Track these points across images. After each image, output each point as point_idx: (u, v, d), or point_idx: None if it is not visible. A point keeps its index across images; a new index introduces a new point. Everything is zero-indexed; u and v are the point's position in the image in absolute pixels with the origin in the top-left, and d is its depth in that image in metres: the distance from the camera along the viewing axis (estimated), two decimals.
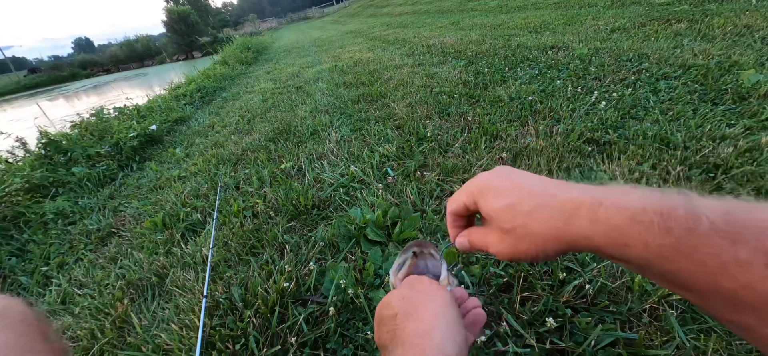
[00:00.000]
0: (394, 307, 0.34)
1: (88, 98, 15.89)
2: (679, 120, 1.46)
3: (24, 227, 1.93)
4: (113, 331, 1.03)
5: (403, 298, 0.34)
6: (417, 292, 0.34)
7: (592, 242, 0.24)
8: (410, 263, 0.45)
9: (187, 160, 2.35)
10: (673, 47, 2.35)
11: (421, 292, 0.34)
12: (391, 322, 0.33)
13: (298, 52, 7.71)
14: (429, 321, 0.30)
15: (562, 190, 0.27)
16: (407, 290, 0.35)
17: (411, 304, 0.33)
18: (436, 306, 0.32)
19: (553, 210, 0.26)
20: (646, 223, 0.21)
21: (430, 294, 0.34)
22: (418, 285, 0.35)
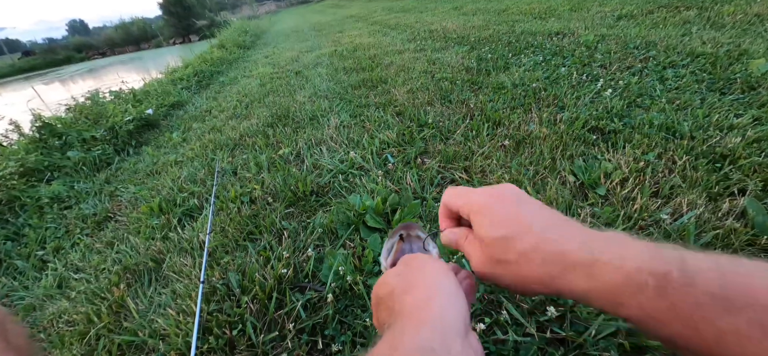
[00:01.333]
0: (390, 284, 0.31)
1: (84, 81, 15.65)
2: (686, 109, 1.43)
3: (19, 211, 1.91)
4: (110, 316, 1.02)
5: (399, 274, 0.32)
6: (413, 268, 0.32)
7: (585, 297, 0.25)
8: (397, 246, 0.44)
9: (184, 145, 2.32)
10: (681, 35, 2.30)
11: (416, 267, 0.32)
12: (389, 299, 0.30)
13: (297, 36, 7.56)
14: (427, 292, 0.28)
15: (562, 235, 0.26)
16: (403, 267, 0.33)
17: (408, 279, 0.31)
18: (433, 277, 0.30)
19: (548, 258, 0.26)
20: (640, 284, 0.21)
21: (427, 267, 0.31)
22: (414, 261, 0.33)
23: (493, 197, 0.31)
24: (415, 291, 0.28)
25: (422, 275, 0.30)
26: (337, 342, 0.80)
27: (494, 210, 0.30)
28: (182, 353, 0.85)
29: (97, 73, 18.52)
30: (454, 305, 0.27)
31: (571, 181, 1.14)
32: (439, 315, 0.25)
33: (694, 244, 0.85)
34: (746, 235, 0.84)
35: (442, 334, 0.24)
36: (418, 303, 0.27)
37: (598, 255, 0.24)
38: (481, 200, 0.31)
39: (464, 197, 0.33)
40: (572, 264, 0.25)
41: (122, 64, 21.54)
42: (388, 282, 0.32)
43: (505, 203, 0.30)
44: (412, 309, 0.27)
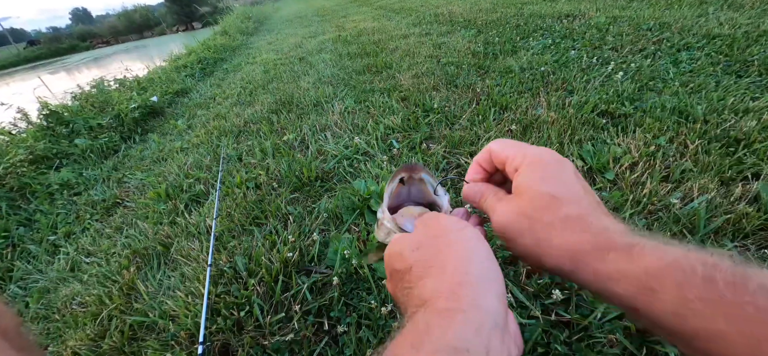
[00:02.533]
0: (407, 259, 0.26)
1: (89, 70, 15.71)
2: (700, 92, 1.39)
3: (30, 197, 1.95)
4: (121, 297, 1.05)
5: (418, 247, 0.26)
6: (434, 236, 0.26)
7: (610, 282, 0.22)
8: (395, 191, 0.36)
9: (189, 132, 2.33)
10: (697, 16, 2.21)
11: (439, 236, 0.26)
12: (406, 278, 0.25)
13: (300, 22, 7.45)
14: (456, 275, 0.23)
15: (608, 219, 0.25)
16: (422, 235, 0.27)
17: (429, 253, 0.25)
18: (462, 251, 0.24)
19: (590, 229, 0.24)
20: (686, 270, 0.19)
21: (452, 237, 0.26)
22: (434, 227, 0.27)
23: (551, 156, 0.28)
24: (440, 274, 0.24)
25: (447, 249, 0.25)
26: (343, 324, 0.81)
27: (550, 167, 0.27)
28: (192, 333, 0.87)
29: (102, 62, 18.55)
30: (490, 287, 0.22)
31: (579, 165, 1.12)
32: (471, 304, 0.21)
33: (704, 229, 0.83)
34: (759, 219, 0.83)
35: (476, 329, 0.20)
36: (445, 290, 0.22)
37: (641, 240, 0.22)
38: (537, 154, 0.28)
39: (518, 147, 0.30)
40: (613, 243, 0.23)
41: (126, 53, 21.54)
42: (404, 256, 0.27)
43: (562, 166, 0.27)
44: (436, 297, 0.22)
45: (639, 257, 0.21)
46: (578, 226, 0.24)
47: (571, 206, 0.25)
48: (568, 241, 0.24)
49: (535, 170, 0.27)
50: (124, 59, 14.49)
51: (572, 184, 0.26)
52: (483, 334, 0.19)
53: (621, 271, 0.22)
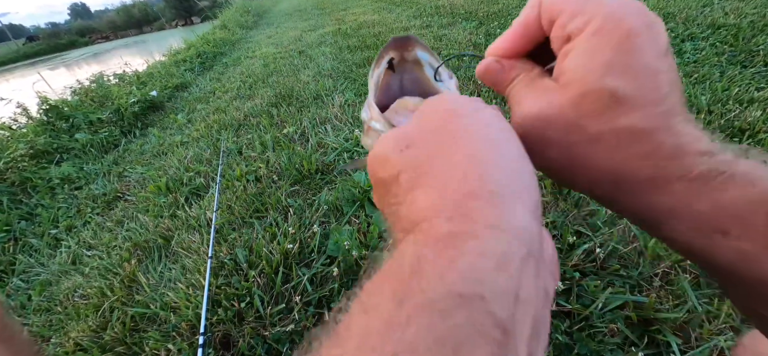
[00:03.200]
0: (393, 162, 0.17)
1: (89, 66, 15.68)
2: (705, 83, 1.37)
3: (31, 192, 1.95)
4: (122, 290, 1.05)
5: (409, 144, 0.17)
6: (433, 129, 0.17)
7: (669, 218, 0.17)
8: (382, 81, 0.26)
9: (189, 126, 2.32)
10: (702, 6, 2.18)
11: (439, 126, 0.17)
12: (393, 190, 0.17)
13: (300, 15, 7.40)
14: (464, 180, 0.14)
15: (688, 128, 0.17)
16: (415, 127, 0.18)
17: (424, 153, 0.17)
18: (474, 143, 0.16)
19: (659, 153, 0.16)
20: None
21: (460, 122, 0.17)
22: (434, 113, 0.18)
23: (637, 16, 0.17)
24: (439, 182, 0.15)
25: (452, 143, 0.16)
26: None
27: (629, 42, 0.16)
28: (192, 324, 0.87)
29: (101, 57, 18.50)
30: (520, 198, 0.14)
31: None
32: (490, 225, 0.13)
33: None
34: None
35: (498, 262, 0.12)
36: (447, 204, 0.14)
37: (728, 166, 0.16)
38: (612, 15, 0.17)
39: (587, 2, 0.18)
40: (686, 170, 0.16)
41: (126, 48, 21.47)
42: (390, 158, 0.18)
43: (649, 39, 0.17)
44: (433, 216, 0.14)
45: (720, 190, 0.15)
46: (642, 145, 0.16)
47: (641, 113, 0.16)
48: (618, 163, 0.17)
49: (601, 48, 0.17)
50: (123, 54, 14.45)
51: (653, 74, 0.16)
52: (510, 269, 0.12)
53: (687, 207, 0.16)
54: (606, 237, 0.85)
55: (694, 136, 0.16)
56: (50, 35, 50.00)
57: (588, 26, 0.17)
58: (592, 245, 0.83)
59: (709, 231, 0.16)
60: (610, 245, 0.82)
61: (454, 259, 0.12)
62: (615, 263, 0.79)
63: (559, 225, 0.90)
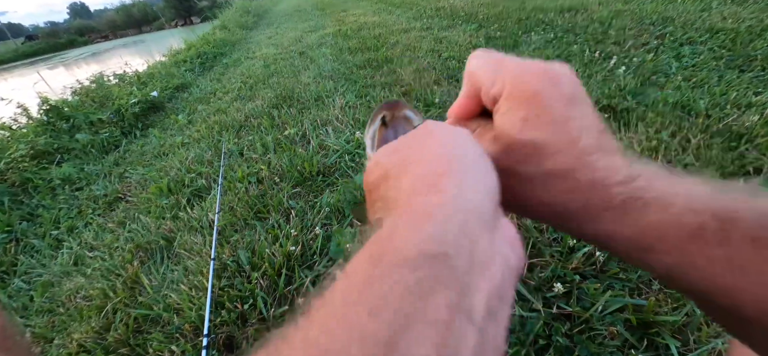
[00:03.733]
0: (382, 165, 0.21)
1: (88, 65, 15.65)
2: (703, 87, 1.38)
3: (32, 192, 1.95)
4: (125, 291, 1.06)
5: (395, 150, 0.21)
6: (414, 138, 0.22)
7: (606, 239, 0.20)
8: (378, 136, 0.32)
9: (190, 127, 2.32)
10: (700, 10, 2.20)
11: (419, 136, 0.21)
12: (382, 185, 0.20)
13: (300, 16, 7.40)
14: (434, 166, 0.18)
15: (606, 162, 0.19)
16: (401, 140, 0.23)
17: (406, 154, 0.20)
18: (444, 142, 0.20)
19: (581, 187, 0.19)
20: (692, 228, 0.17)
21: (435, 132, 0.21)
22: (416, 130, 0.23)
23: (538, 80, 0.21)
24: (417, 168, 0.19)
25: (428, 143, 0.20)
26: None
27: (535, 101, 0.20)
28: (196, 326, 0.88)
29: (101, 57, 18.47)
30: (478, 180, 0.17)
31: None
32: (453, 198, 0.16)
33: None
34: None
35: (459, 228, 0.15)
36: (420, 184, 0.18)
37: (644, 192, 0.18)
38: (518, 81, 0.21)
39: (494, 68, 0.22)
40: (608, 200, 0.19)
41: (125, 48, 21.43)
42: (379, 162, 0.22)
43: (552, 95, 0.20)
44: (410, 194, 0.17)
45: (638, 216, 0.18)
46: (566, 183, 0.19)
47: (558, 156, 0.19)
48: (553, 198, 0.20)
49: (515, 108, 0.21)
50: (123, 54, 14.42)
51: (566, 123, 0.20)
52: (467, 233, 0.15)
53: (617, 232, 0.19)
54: None
55: (612, 168, 0.19)
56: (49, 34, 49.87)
57: (503, 91, 0.21)
58: (592, 248, 0.83)
59: (640, 250, 0.18)
60: None
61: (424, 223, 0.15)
62: (614, 267, 0.80)
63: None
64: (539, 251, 0.86)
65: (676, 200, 0.17)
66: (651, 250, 0.18)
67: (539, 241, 0.88)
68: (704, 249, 0.16)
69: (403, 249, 0.14)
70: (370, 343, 0.11)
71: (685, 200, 0.17)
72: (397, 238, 0.14)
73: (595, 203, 0.19)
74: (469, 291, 0.14)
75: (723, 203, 0.17)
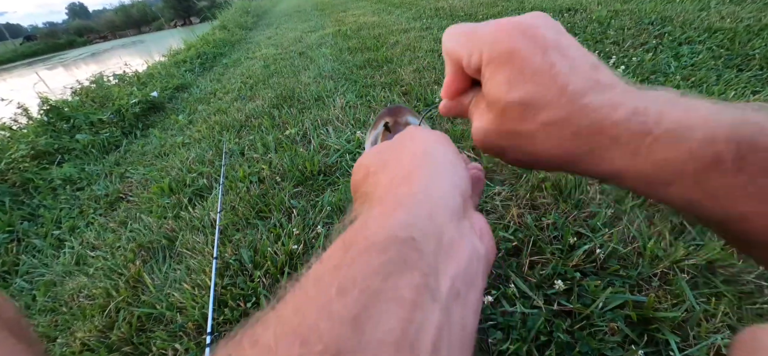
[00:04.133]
0: (365, 165, 0.23)
1: (87, 66, 15.63)
2: (701, 87, 1.39)
3: (33, 193, 1.96)
4: (127, 290, 1.06)
5: (378, 151, 0.23)
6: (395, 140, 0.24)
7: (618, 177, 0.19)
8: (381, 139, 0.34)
9: (191, 127, 2.33)
10: (699, 10, 2.21)
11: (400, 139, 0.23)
12: (365, 182, 0.22)
13: (299, 16, 7.41)
14: (409, 164, 0.20)
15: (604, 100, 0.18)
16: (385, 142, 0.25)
17: (386, 154, 0.22)
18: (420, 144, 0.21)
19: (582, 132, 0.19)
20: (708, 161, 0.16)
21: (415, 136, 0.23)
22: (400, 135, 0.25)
23: (511, 36, 0.20)
24: (394, 166, 0.20)
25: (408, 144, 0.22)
26: None
27: (515, 61, 0.20)
28: (199, 324, 0.88)
29: (100, 57, 18.45)
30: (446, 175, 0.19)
31: None
32: (422, 190, 0.17)
33: None
34: None
35: (427, 215, 0.16)
36: (396, 178, 0.19)
37: (653, 126, 0.17)
38: (493, 44, 0.21)
39: (468, 39, 0.23)
40: (614, 138, 0.18)
41: (124, 48, 21.41)
42: (363, 162, 0.23)
43: (529, 46, 0.20)
44: (386, 189, 0.19)
45: (649, 152, 0.17)
46: (565, 131, 0.19)
47: (551, 107, 0.19)
48: (557, 147, 0.20)
49: (497, 71, 0.21)
50: (122, 54, 14.40)
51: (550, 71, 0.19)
52: (435, 221, 0.16)
53: (627, 168, 0.18)
54: (606, 238, 0.86)
55: (611, 105, 0.18)
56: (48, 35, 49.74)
57: (482, 58, 0.21)
58: (593, 245, 0.84)
59: (657, 185, 0.18)
60: (610, 246, 0.83)
61: (395, 211, 0.16)
62: (615, 264, 0.81)
63: (560, 226, 0.92)
64: (540, 249, 0.87)
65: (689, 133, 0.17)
66: (666, 184, 0.17)
67: (540, 239, 0.89)
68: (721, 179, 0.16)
69: (372, 236, 0.15)
70: (337, 319, 0.12)
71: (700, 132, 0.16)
72: (369, 226, 0.16)
73: (601, 143, 0.18)
74: (435, 273, 0.14)
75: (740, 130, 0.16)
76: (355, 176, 0.24)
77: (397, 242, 0.14)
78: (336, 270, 0.14)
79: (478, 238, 0.18)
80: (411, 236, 0.15)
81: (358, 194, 0.23)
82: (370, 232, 0.15)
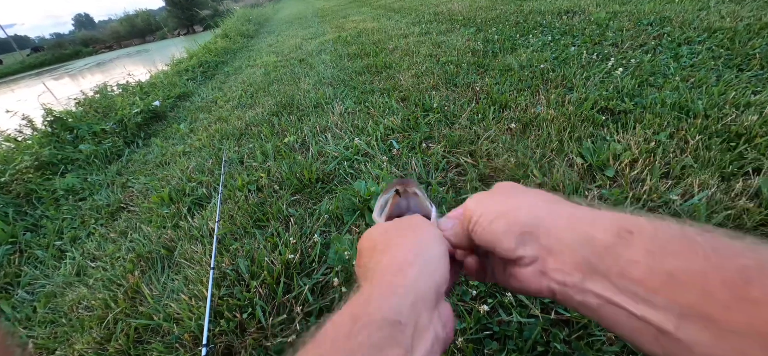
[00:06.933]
0: (374, 239, 0.30)
1: (93, 75, 15.83)
2: (701, 87, 1.38)
3: (36, 203, 1.98)
4: (126, 301, 1.06)
5: (385, 232, 0.30)
6: (400, 226, 0.30)
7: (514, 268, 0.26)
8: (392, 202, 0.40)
9: (192, 135, 2.34)
10: (698, 10, 2.20)
11: (405, 227, 0.30)
12: (368, 255, 0.29)
13: (300, 23, 7.47)
14: (405, 255, 0.26)
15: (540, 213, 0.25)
16: (392, 223, 0.31)
17: (391, 237, 0.29)
18: (417, 239, 0.28)
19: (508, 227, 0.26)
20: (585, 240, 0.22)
21: (414, 228, 0.29)
22: (406, 221, 0.32)
23: (492, 189, 0.32)
24: (394, 252, 0.26)
25: (409, 236, 0.28)
26: None
27: (486, 195, 0.30)
28: (195, 335, 0.88)
29: (105, 67, 18.70)
30: (431, 274, 0.25)
31: (578, 163, 1.12)
32: (412, 284, 0.23)
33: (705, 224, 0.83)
34: (760, 215, 0.82)
35: (411, 304, 0.22)
36: (394, 266, 0.25)
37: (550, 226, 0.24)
38: (480, 194, 0.31)
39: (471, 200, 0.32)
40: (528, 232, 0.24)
41: (129, 57, 21.70)
42: (372, 236, 0.31)
43: (499, 190, 0.31)
44: (385, 272, 0.25)
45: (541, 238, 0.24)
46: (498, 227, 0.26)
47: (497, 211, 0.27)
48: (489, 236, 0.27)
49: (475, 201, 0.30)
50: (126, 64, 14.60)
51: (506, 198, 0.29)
52: (416, 310, 0.22)
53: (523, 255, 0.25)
54: None
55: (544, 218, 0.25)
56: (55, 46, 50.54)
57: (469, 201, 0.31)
58: None
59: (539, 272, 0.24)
60: None
61: (391, 297, 0.22)
62: None
63: None
64: None
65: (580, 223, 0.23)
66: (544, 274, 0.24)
67: None
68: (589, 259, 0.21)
69: (373, 314, 0.21)
70: None
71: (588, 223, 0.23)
72: (371, 305, 0.22)
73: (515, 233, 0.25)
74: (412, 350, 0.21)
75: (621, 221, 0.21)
76: (364, 242, 0.31)
77: (389, 323, 0.20)
78: (347, 338, 0.20)
79: (442, 325, 0.24)
80: (398, 320, 0.21)
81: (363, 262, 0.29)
82: (371, 310, 0.21)
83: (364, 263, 0.29)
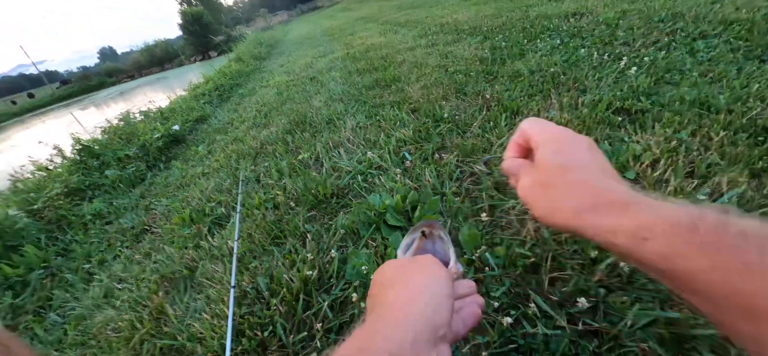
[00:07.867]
0: (387, 274, 0.33)
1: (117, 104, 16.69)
2: (721, 82, 1.33)
3: (67, 228, 2.07)
4: (151, 322, 1.09)
5: (400, 266, 0.33)
6: (412, 265, 0.33)
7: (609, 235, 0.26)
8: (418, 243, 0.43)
9: (210, 157, 2.42)
10: (711, 3, 2.14)
11: (417, 265, 0.32)
12: (380, 287, 0.31)
13: (310, 43, 7.70)
14: (414, 291, 0.28)
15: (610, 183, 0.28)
16: (405, 261, 0.34)
17: (402, 273, 0.31)
18: (426, 278, 0.30)
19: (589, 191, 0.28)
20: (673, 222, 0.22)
21: (424, 267, 0.32)
22: (419, 260, 0.34)
23: (566, 134, 0.33)
24: (402, 288, 0.29)
25: (417, 275, 0.31)
26: None
27: (564, 143, 0.32)
28: (218, 355, 0.89)
29: (127, 95, 19.69)
30: (433, 312, 0.27)
31: None
32: (413, 322, 0.25)
33: None
34: None
35: (411, 341, 0.24)
36: (399, 301, 0.28)
37: (637, 198, 0.25)
38: (556, 133, 0.33)
39: (540, 126, 0.34)
40: (609, 202, 0.26)
41: (149, 85, 22.79)
42: (385, 270, 0.33)
43: (575, 142, 0.32)
44: (391, 306, 0.27)
45: (634, 213, 0.24)
46: (582, 188, 0.28)
47: (577, 172, 0.29)
48: (572, 200, 0.28)
49: (551, 145, 0.32)
50: (147, 91, 15.33)
51: (581, 155, 0.30)
52: (416, 345, 0.24)
53: (618, 224, 0.25)
54: None
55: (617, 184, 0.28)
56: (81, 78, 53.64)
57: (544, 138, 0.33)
58: (615, 259, 0.80)
59: (636, 239, 0.24)
60: None
61: (394, 333, 0.25)
62: (641, 278, 0.76)
63: (579, 239, 0.88)
64: (560, 264, 0.84)
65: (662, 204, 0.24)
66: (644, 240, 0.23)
67: (559, 254, 0.86)
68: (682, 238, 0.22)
69: (378, 348, 0.24)
70: None
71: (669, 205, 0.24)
72: (376, 339, 0.25)
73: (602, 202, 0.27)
74: None
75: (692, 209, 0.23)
76: (377, 275, 0.34)
77: None
78: None
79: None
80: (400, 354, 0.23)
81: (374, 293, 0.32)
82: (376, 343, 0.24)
83: (374, 294, 0.32)
